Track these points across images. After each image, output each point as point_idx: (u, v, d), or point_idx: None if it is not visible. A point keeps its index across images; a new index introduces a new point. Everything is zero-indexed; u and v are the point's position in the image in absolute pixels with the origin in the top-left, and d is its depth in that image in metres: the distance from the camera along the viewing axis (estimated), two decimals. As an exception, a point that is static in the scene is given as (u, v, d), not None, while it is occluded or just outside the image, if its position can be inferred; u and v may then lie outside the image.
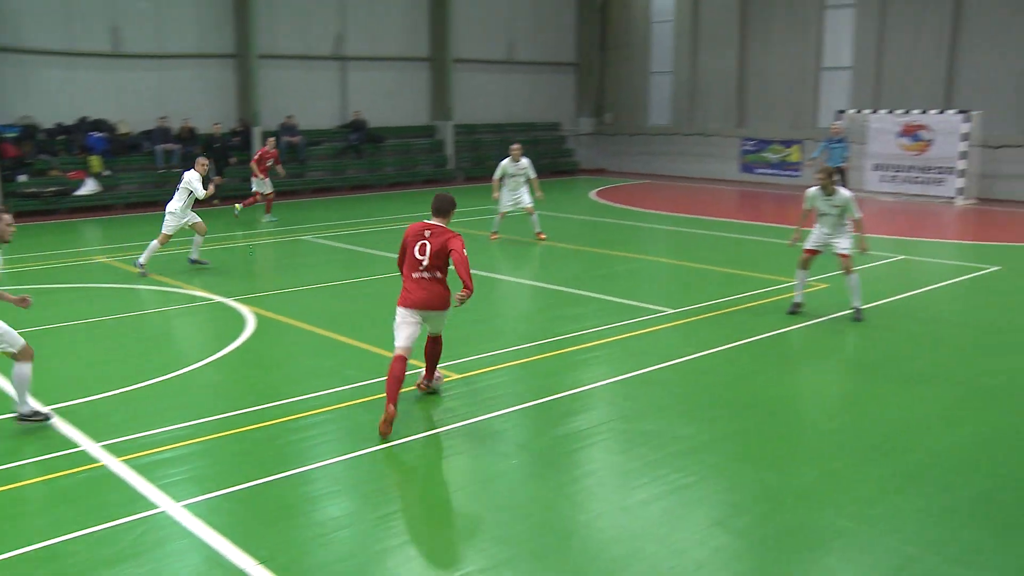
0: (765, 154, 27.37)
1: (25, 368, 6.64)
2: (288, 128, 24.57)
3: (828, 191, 10.11)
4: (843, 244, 10.13)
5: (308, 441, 6.58)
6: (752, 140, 27.74)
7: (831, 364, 8.56)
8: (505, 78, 30.35)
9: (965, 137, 21.29)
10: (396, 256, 7.23)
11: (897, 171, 22.92)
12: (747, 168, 27.93)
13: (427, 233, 6.92)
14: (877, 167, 23.25)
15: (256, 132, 23.90)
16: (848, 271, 10.10)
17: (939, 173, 22.16)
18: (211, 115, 23.74)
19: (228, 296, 11.18)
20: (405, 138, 27.76)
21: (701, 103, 29.36)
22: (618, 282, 12.45)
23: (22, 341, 6.67)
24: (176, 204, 12.77)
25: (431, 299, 6.87)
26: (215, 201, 20.29)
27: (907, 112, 22.65)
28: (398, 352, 6.76)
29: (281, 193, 22.29)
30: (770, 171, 27.24)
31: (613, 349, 8.95)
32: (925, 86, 23.71)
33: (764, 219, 18.85)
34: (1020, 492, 5.69)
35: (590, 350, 8.89)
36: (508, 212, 16.13)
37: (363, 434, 6.64)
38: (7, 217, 6.66)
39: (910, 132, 22.69)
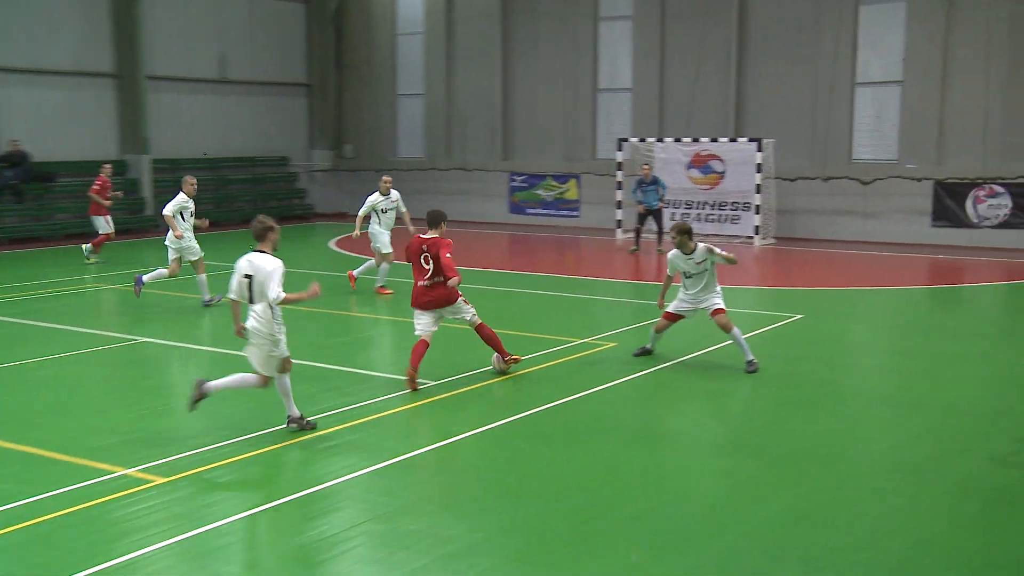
0: (537, 191, 28.57)
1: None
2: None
3: (687, 249, 10.90)
4: (714, 300, 10.96)
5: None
6: (521, 175, 28.91)
7: (623, 437, 8.84)
8: (219, 102, 29.68)
9: (759, 168, 23.42)
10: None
11: (688, 207, 24.72)
12: (517, 208, 29.00)
13: (424, 247, 10.33)
14: (665, 204, 24.90)
15: None
16: (728, 328, 10.86)
17: (734, 209, 24.16)
18: None
19: None
20: (85, 176, 26.25)
21: (460, 132, 30.25)
22: (366, 350, 12.41)
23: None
24: None
25: (438, 299, 10.37)
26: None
27: (696, 140, 24.60)
28: (420, 337, 10.37)
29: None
30: (544, 211, 28.47)
31: (362, 433, 8.80)
32: (713, 111, 25.92)
33: (540, 268, 19.52)
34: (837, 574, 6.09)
35: (333, 436, 8.68)
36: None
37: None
38: None
39: (700, 163, 24.64)
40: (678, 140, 24.84)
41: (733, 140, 24.18)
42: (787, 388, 10.49)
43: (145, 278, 15.29)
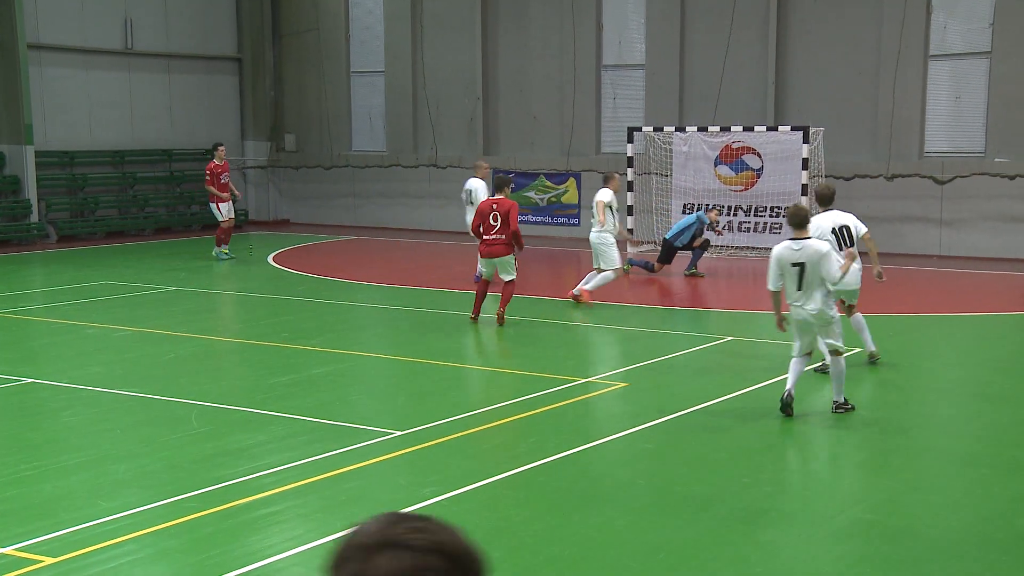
0: (528, 193, 28.66)
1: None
2: None
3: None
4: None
5: None
6: (508, 173, 28.93)
7: (636, 500, 8.87)
8: (124, 79, 29.71)
9: (806, 164, 23.57)
10: None
11: (716, 214, 24.81)
12: (505, 215, 29.03)
13: (494, 206, 15.99)
14: (688, 208, 25.06)
15: None
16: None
17: (775, 216, 24.26)
18: None
19: None
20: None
21: (430, 120, 30.34)
22: (315, 392, 12.42)
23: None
24: None
25: (498, 251, 15.87)
26: None
27: (725, 130, 24.77)
28: (482, 279, 16.35)
29: None
30: (536, 218, 28.55)
31: (309, 497, 8.82)
32: (748, 93, 26.09)
33: (532, 289, 19.56)
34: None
35: (273, 500, 8.71)
36: None
37: None
38: None
39: (731, 158, 24.78)
40: (703, 130, 24.99)
41: (773, 129, 24.33)
42: (842, 440, 10.53)
43: None
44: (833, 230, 12.29)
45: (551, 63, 28.56)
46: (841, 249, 11.94)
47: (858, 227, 12.66)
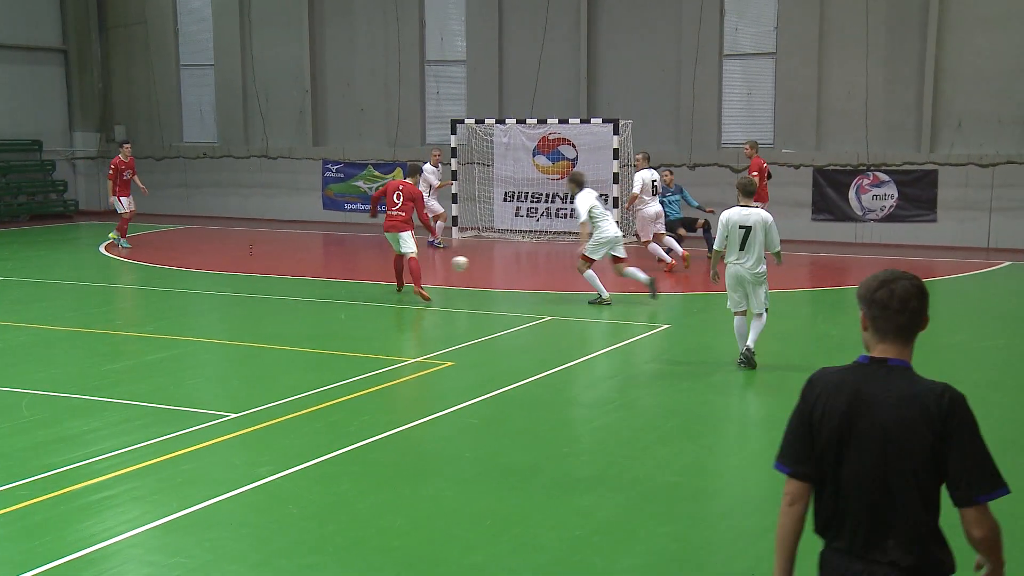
0: (357, 183, 28.51)
1: None
2: None
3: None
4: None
5: None
6: (337, 163, 28.78)
7: (463, 474, 8.92)
8: (-54, 70, 28.31)
9: (616, 154, 23.99)
10: None
11: (535, 200, 25.10)
12: (333, 204, 28.85)
13: (401, 187, 16.79)
14: (509, 197, 25.27)
15: None
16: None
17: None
18: None
19: None
20: None
21: (260, 111, 29.85)
22: (150, 378, 12.16)
23: None
24: None
25: (397, 226, 16.56)
26: None
27: (542, 122, 25.01)
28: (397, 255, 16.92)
29: None
30: (366, 207, 28.33)
31: (146, 479, 8.62)
32: (562, 87, 26.42)
33: (359, 274, 19.50)
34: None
35: (108, 485, 8.47)
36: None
37: None
38: None
39: (548, 149, 25.07)
40: (521, 122, 25.21)
41: (585, 121, 24.70)
42: (650, 411, 10.79)
43: None
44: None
45: (377, 58, 28.40)
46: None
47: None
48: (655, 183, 20.12)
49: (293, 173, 29.30)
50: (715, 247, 12.24)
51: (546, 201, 25.13)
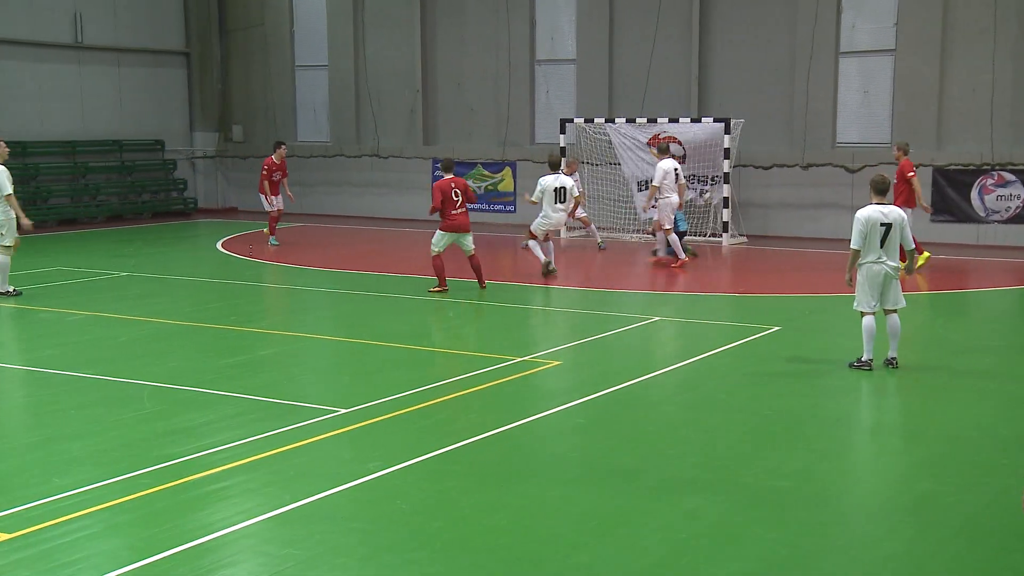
0: (466, 182, 28.60)
1: None
2: None
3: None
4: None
5: None
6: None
7: (568, 472, 8.92)
8: (74, 72, 29.25)
9: (727, 154, 23.76)
10: None
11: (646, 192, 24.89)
12: (443, 203, 28.99)
13: (453, 185, 17.25)
14: (643, 188, 25.08)
15: None
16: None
17: (700, 196, 24.51)
18: None
19: None
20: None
21: (372, 111, 30.22)
22: (261, 373, 12.38)
23: None
24: None
25: (466, 223, 17.29)
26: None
27: (652, 121, 24.87)
28: (439, 255, 17.37)
29: None
30: (474, 205, 28.43)
31: (258, 472, 8.77)
32: (673, 86, 26.22)
33: (467, 273, 19.58)
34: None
35: (223, 476, 8.64)
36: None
37: None
38: None
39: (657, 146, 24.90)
40: (631, 121, 25.10)
41: (696, 121, 24.49)
42: (759, 415, 10.67)
43: None
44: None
45: (487, 58, 28.54)
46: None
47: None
48: (677, 172, 20.40)
49: (403, 172, 29.62)
50: (853, 246, 11.91)
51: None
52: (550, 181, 18.91)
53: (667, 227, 20.22)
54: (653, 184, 20.18)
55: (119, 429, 10.06)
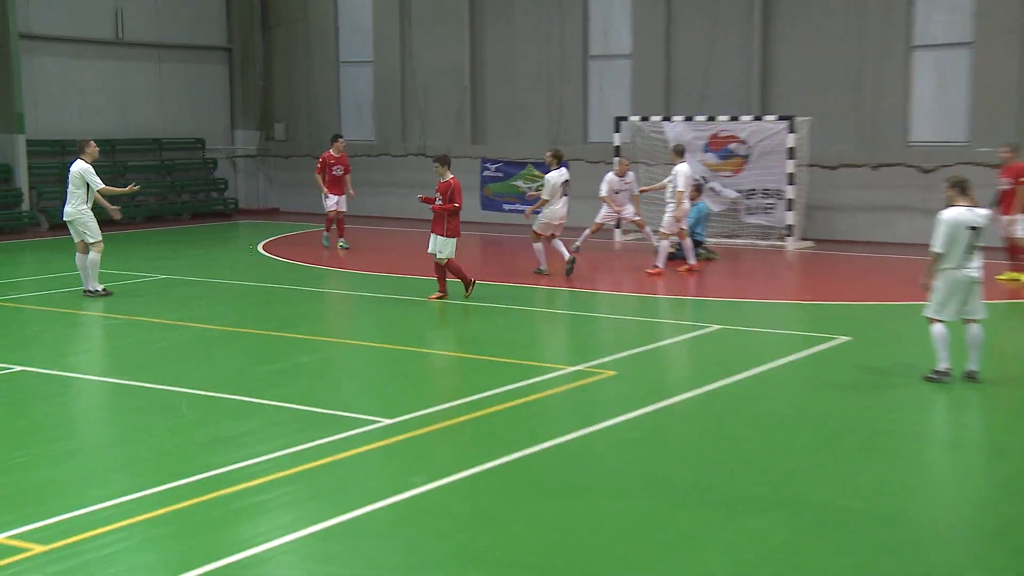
0: (516, 182, 28.59)
1: None
2: None
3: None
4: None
5: None
6: (496, 163, 28.93)
7: (624, 488, 8.81)
8: (114, 69, 29.57)
9: (792, 153, 23.51)
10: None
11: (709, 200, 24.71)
12: (491, 204, 29.02)
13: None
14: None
15: None
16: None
17: (763, 198, 24.30)
18: None
19: None
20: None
21: (419, 108, 30.26)
22: (303, 380, 12.40)
23: None
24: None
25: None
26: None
27: (712, 119, 24.69)
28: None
29: None
30: (524, 207, 28.34)
31: (299, 485, 8.76)
32: (734, 82, 26.01)
33: (517, 277, 19.54)
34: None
35: (263, 489, 8.64)
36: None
37: None
38: None
39: (718, 147, 24.74)
40: (690, 119, 24.93)
41: (758, 118, 24.28)
42: (828, 430, 10.50)
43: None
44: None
45: (538, 53, 28.48)
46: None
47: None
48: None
49: (451, 172, 29.48)
50: (937, 250, 11.58)
51: (717, 200, 24.77)
52: (557, 176, 18.99)
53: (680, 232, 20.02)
54: (679, 190, 19.67)
55: (157, 437, 10.10)
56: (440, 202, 17.20)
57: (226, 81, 32.34)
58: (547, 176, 19.27)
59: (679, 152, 20.47)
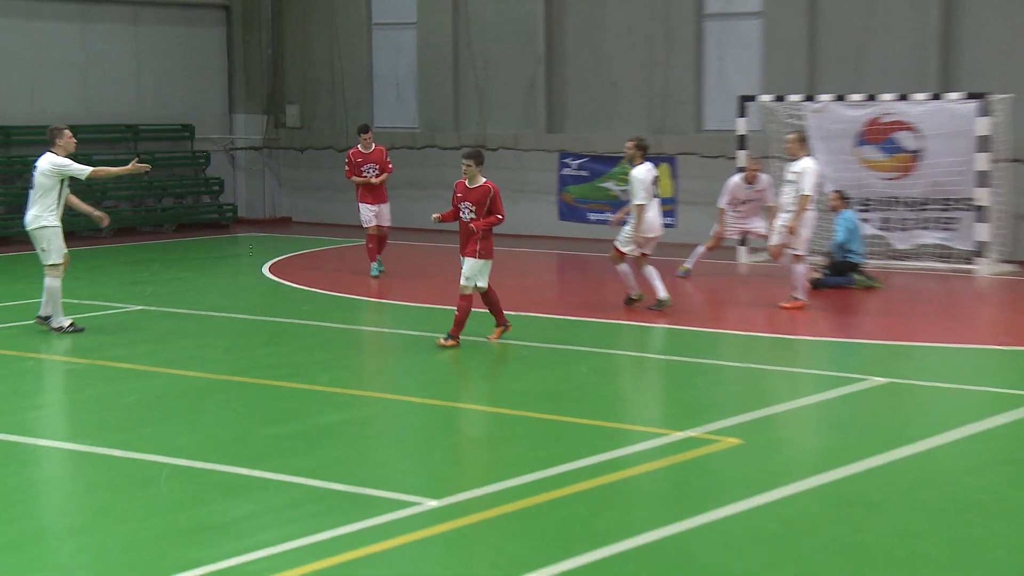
0: (604, 184, 28.51)
1: None
2: None
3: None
4: None
5: None
6: (579, 158, 28.89)
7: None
8: (77, 34, 29.90)
9: (985, 145, 23.19)
10: None
11: (863, 209, 24.51)
12: (573, 212, 29.03)
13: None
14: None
15: None
16: None
17: (944, 211, 24.00)
18: None
19: None
20: None
21: (476, 86, 30.34)
22: (322, 446, 12.40)
23: None
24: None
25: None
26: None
27: (872, 98, 24.51)
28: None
29: None
30: (612, 216, 28.35)
31: (333, 582, 8.73)
32: (902, 51, 25.89)
33: (607, 311, 19.48)
34: None
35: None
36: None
37: None
38: None
39: (879, 137, 24.51)
40: (841, 98, 24.78)
41: (936, 97, 24.08)
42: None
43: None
44: None
45: (636, 12, 28.45)
46: None
47: None
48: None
49: (519, 170, 29.56)
50: None
51: (878, 208, 24.53)
52: (646, 173, 18.81)
53: (799, 252, 19.40)
54: (805, 193, 19.08)
55: (128, 523, 10.10)
56: (471, 215, 16.77)
57: (223, 49, 32.60)
58: (633, 173, 18.96)
59: (802, 141, 19.91)
